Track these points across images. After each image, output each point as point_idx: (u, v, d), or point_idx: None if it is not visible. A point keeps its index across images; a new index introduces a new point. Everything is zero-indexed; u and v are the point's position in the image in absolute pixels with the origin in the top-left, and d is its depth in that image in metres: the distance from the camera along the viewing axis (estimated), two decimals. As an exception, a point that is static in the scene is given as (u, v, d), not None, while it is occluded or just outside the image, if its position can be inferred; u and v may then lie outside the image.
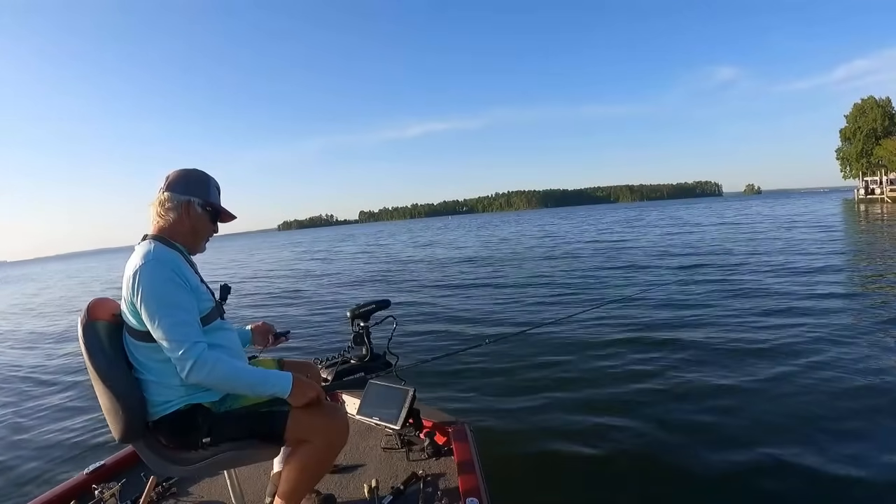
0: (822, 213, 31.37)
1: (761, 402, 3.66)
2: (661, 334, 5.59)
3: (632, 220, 39.97)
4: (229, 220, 1.78)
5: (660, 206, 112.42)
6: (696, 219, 32.79)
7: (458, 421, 2.29)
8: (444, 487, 1.91)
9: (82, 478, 2.13)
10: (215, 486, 2.10)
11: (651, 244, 17.43)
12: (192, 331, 1.51)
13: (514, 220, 68.43)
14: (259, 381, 1.56)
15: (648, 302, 7.36)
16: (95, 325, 1.55)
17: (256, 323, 2.04)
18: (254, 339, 2.00)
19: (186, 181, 1.66)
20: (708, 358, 4.69)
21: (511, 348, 5.26)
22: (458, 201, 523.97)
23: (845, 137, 64.25)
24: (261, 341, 2.02)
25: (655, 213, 54.39)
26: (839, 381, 3.90)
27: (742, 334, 5.39)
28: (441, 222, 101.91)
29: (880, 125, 59.09)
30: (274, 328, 2.07)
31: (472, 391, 4.29)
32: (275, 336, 2.06)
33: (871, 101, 61.67)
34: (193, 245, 1.71)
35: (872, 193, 48.62)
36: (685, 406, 3.66)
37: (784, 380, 4.01)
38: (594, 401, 3.89)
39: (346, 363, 2.81)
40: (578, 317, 6.02)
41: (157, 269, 1.49)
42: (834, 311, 6.12)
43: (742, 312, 6.34)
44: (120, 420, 1.50)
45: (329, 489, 1.98)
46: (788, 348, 4.77)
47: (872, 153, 57.84)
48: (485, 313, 7.73)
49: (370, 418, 2.28)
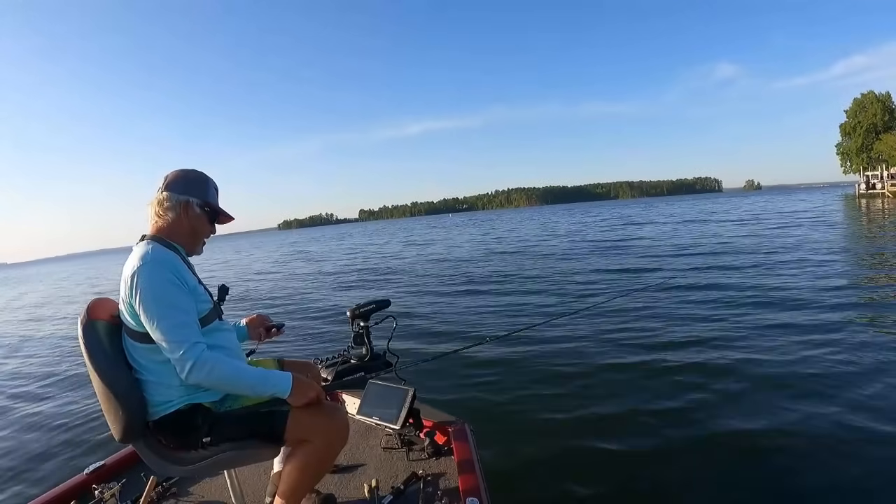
0: (826, 208, 31.17)
1: (773, 405, 3.55)
2: (663, 334, 5.57)
3: (633, 216, 39.86)
4: (227, 222, 1.77)
5: (660, 202, 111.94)
6: (700, 215, 32.37)
7: (458, 421, 2.28)
8: (444, 487, 1.91)
9: (82, 478, 2.13)
10: (215, 486, 2.10)
11: (657, 241, 17.42)
12: (191, 332, 1.51)
13: (512, 218, 68.30)
14: (259, 381, 1.56)
15: (652, 301, 7.35)
16: (95, 324, 1.56)
17: (251, 316, 2.03)
18: (249, 333, 1.99)
19: (185, 181, 1.65)
20: (716, 356, 4.64)
21: (511, 348, 5.27)
22: (458, 199, 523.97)
23: (845, 133, 64.13)
24: (255, 335, 2.00)
25: (657, 209, 54.25)
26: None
27: (755, 340, 5.15)
28: (439, 221, 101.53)
29: (880, 120, 58.98)
30: (268, 319, 2.06)
31: (472, 391, 4.29)
32: (268, 329, 2.04)
33: (871, 96, 61.54)
34: (191, 246, 1.70)
35: (874, 188, 48.57)
36: (689, 407, 3.65)
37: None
38: (595, 400, 3.88)
39: (346, 363, 2.81)
40: (579, 315, 6.02)
41: (155, 271, 1.49)
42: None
43: (758, 319, 6.02)
44: (120, 420, 1.50)
45: (329, 489, 1.98)
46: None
47: (873, 148, 57.75)
48: (485, 313, 7.72)
49: (370, 418, 2.28)
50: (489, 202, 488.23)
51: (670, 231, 21.74)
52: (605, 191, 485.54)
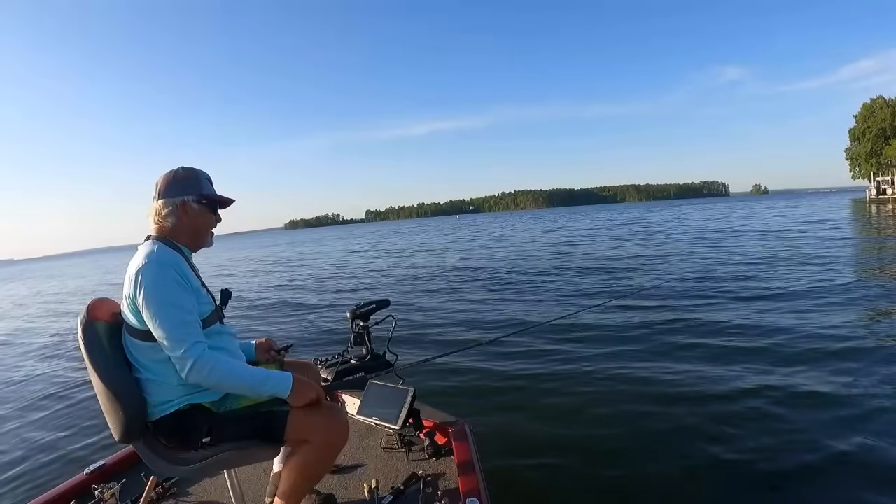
0: (837, 215, 29.13)
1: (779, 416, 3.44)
2: (666, 334, 5.53)
3: (636, 219, 39.53)
4: (228, 204, 1.77)
5: (668, 206, 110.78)
6: (717, 224, 27.67)
7: (458, 421, 2.28)
8: (444, 487, 1.91)
9: (82, 478, 2.14)
10: (215, 486, 2.11)
11: (658, 238, 17.32)
12: (193, 330, 1.52)
13: (519, 221, 68.02)
14: (259, 380, 1.57)
15: (657, 300, 7.31)
16: (95, 324, 1.56)
17: (260, 339, 2.05)
18: (257, 354, 2.01)
19: (176, 183, 1.66)
20: (720, 362, 4.55)
21: (512, 348, 5.25)
22: (465, 200, 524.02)
23: (854, 137, 63.72)
24: (263, 357, 2.02)
25: (661, 213, 53.69)
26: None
27: (764, 340, 5.04)
28: (449, 222, 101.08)
29: (889, 125, 58.57)
30: (276, 344, 2.08)
31: (472, 391, 4.27)
32: (277, 352, 2.06)
33: (881, 101, 61.13)
34: (197, 242, 1.72)
35: (884, 193, 48.24)
36: (690, 408, 3.61)
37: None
38: (595, 400, 3.86)
39: (346, 363, 2.81)
40: (581, 315, 5.99)
41: (159, 270, 1.50)
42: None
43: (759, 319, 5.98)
44: (120, 420, 1.50)
45: (329, 489, 1.98)
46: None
47: (882, 153, 57.33)
48: (485, 312, 7.70)
49: (370, 418, 2.29)
50: (496, 204, 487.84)
51: (677, 230, 21.54)
52: (611, 194, 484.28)
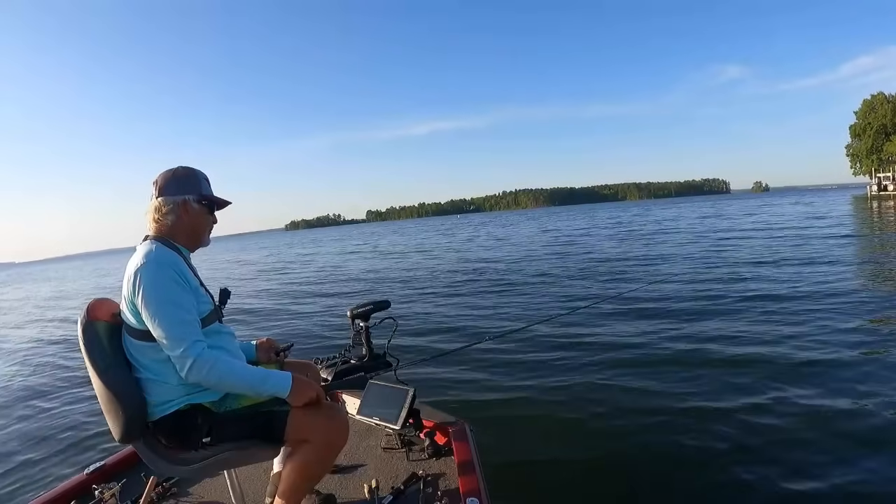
0: (839, 212, 29.34)
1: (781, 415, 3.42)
2: (666, 335, 5.53)
3: (636, 219, 39.46)
4: (225, 206, 1.78)
5: (669, 203, 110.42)
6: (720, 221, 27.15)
7: (458, 421, 2.28)
8: (444, 487, 1.91)
9: (82, 478, 2.14)
10: (215, 486, 2.11)
11: (655, 233, 17.32)
12: (192, 329, 1.52)
13: (519, 220, 67.99)
14: (259, 380, 1.57)
15: (656, 300, 7.31)
16: (95, 325, 1.56)
17: (260, 339, 2.05)
18: (258, 355, 2.01)
19: (177, 181, 1.66)
20: (723, 360, 4.55)
21: (512, 347, 5.26)
22: (466, 200, 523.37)
23: (855, 134, 63.59)
24: (265, 357, 2.02)
25: (663, 211, 53.59)
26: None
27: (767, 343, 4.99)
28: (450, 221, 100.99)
29: (890, 121, 58.44)
30: (277, 344, 2.07)
31: (472, 391, 4.28)
32: (277, 353, 2.06)
33: (881, 98, 60.99)
34: (195, 242, 1.72)
35: (885, 190, 48.17)
36: (690, 410, 3.61)
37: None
38: (596, 400, 3.86)
39: (346, 363, 2.81)
40: (581, 314, 5.99)
41: (158, 269, 1.50)
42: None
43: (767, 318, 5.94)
44: (120, 420, 1.50)
45: (329, 489, 1.98)
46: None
47: (883, 149, 57.23)
48: (485, 312, 7.72)
49: (370, 418, 2.28)
50: (496, 203, 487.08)
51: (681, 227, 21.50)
52: (612, 192, 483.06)
